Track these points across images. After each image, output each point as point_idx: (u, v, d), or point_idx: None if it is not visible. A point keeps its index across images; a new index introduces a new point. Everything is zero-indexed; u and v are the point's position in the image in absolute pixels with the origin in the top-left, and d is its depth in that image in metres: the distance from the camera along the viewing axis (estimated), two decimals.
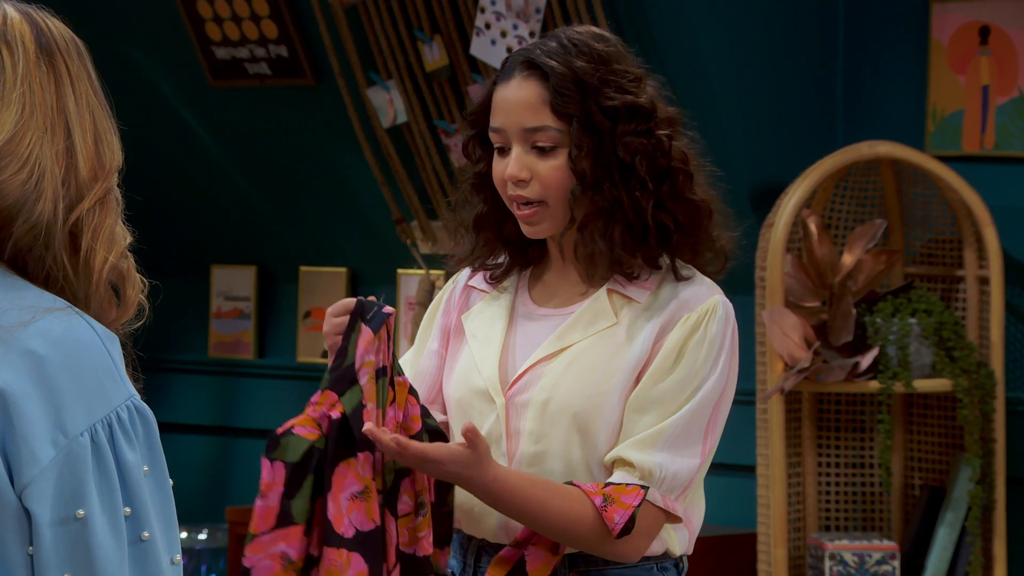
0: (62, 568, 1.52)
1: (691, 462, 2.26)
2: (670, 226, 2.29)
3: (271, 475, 2.19)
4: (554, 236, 2.35)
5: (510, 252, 2.38)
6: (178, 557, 1.57)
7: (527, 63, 2.30)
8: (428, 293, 4.55)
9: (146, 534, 1.54)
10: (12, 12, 1.61)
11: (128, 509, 1.54)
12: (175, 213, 4.93)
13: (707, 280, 2.34)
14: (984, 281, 3.97)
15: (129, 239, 1.62)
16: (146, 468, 1.56)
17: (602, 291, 2.33)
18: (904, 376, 3.92)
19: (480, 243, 2.38)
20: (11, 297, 1.55)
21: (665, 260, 2.33)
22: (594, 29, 2.35)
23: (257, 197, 4.85)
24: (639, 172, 2.27)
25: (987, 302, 3.94)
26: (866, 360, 3.96)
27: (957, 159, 4.03)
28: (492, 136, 2.32)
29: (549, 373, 2.31)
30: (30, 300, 1.55)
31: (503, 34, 4.28)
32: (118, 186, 1.63)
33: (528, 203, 2.30)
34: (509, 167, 2.29)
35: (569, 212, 2.30)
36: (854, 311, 3.97)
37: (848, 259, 4.01)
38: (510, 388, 2.33)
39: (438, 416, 2.40)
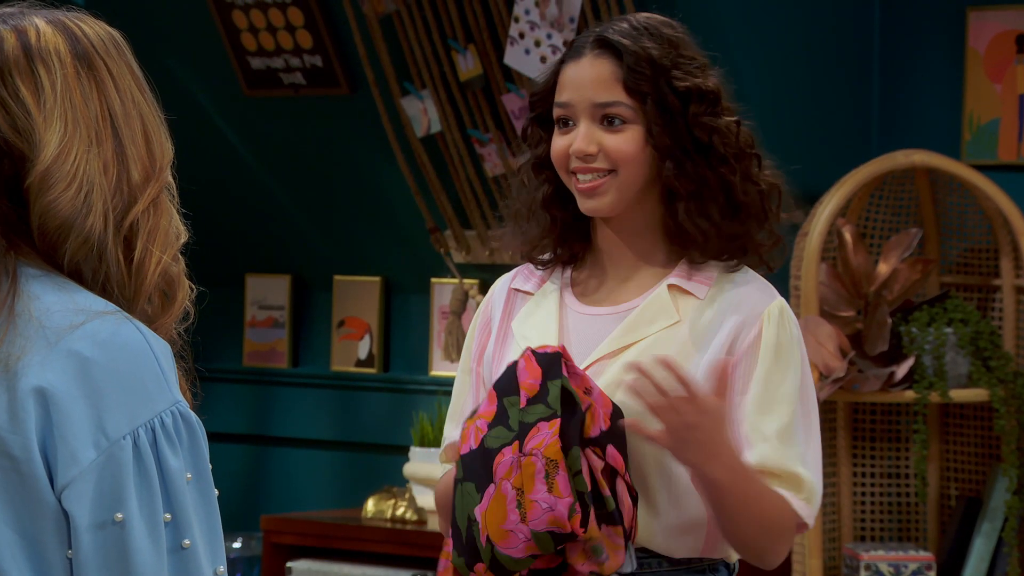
0: (100, 572, 1.50)
1: (819, 471, 2.29)
2: (749, 207, 2.28)
3: None
4: (608, 219, 2.30)
5: (558, 241, 2.34)
6: (222, 568, 1.54)
7: (599, 41, 2.28)
8: (461, 302, 4.52)
9: (187, 542, 1.52)
10: (43, 25, 1.58)
11: (168, 516, 1.52)
12: (209, 222, 4.90)
13: (760, 278, 2.31)
14: (1021, 290, 3.92)
15: (184, 237, 1.60)
16: (189, 475, 1.53)
17: (662, 287, 2.28)
18: (940, 386, 3.87)
19: (544, 224, 2.33)
20: (61, 299, 1.54)
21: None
22: (660, 16, 2.33)
23: (291, 206, 4.82)
24: (718, 150, 2.25)
25: None
26: (902, 370, 3.91)
27: (993, 168, 3.98)
28: (556, 111, 2.28)
29: (610, 371, 2.26)
30: (81, 303, 1.54)
31: (537, 43, 4.25)
32: (172, 177, 1.61)
33: (594, 177, 2.27)
34: (577, 141, 2.26)
35: (635, 190, 2.26)
36: (889, 320, 3.92)
37: (883, 268, 3.96)
38: None
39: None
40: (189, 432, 1.54)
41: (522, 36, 4.26)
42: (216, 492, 1.55)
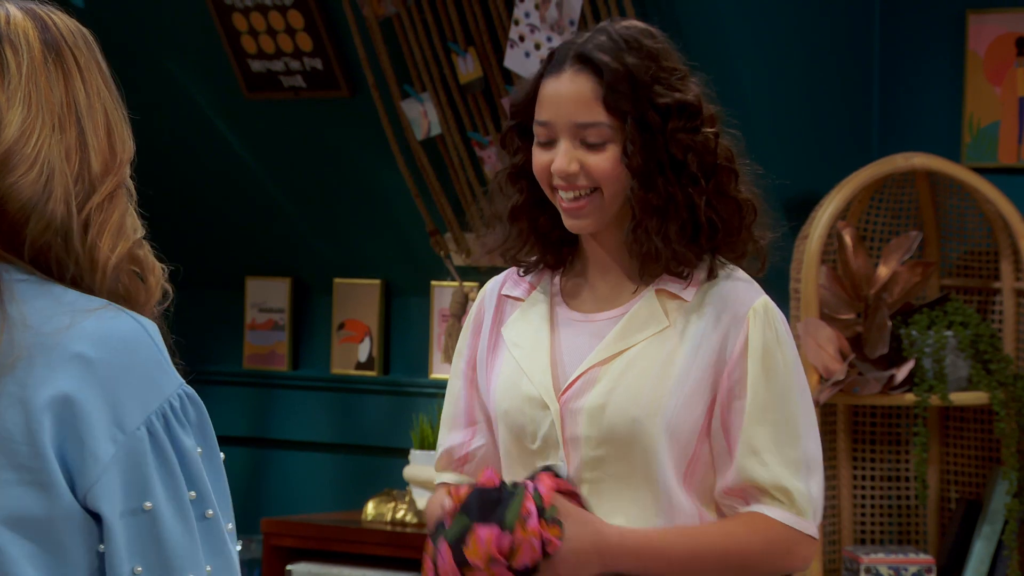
0: (132, 561, 1.50)
1: (821, 478, 2.27)
2: (717, 224, 2.25)
3: None
4: (594, 233, 2.29)
5: (541, 248, 2.32)
6: (231, 525, 1.56)
7: (579, 57, 2.24)
8: (461, 305, 4.48)
9: (210, 512, 1.54)
10: (14, 11, 1.58)
11: (193, 493, 1.53)
12: (210, 224, 4.86)
13: (746, 276, 2.30)
14: (1021, 293, 3.90)
15: (141, 231, 1.59)
16: (200, 450, 1.54)
17: (650, 292, 2.28)
18: (940, 389, 3.85)
19: (514, 234, 2.32)
20: (49, 303, 1.53)
21: (705, 258, 2.28)
22: (640, 24, 2.29)
23: (291, 208, 4.77)
24: (691, 168, 2.23)
25: None
26: (902, 373, 3.89)
27: (993, 171, 3.96)
28: (537, 129, 2.26)
29: (604, 378, 2.25)
30: (67, 303, 1.53)
31: (537, 46, 4.22)
32: (131, 178, 1.61)
33: (578, 197, 2.25)
34: (557, 161, 2.24)
35: (617, 206, 2.26)
36: (889, 323, 3.90)
37: (883, 271, 3.94)
38: (563, 393, 2.27)
39: (477, 442, 2.37)
40: (196, 410, 1.55)
41: (522, 39, 4.22)
42: (222, 455, 1.56)
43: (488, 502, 2.14)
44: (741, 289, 2.26)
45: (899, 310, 3.94)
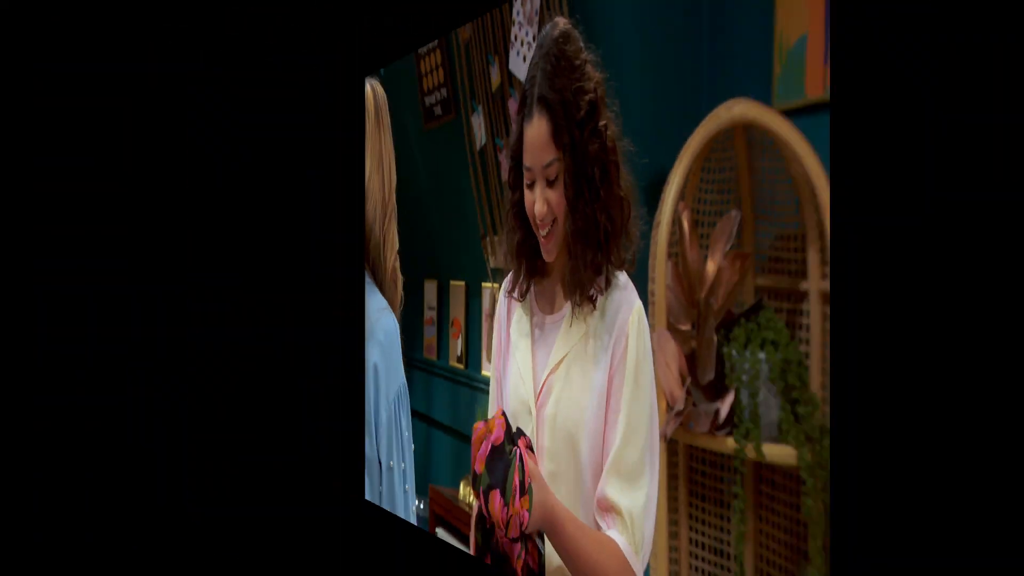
0: (384, 504, 1.31)
1: (651, 503, 1.45)
2: (609, 230, 1.47)
3: None
4: None
5: (527, 266, 1.58)
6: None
7: (539, 100, 1.53)
8: (493, 306, 2.69)
9: (407, 487, 1.26)
10: (367, 87, 1.41)
11: (404, 464, 1.31)
12: (409, 234, 3.44)
13: (625, 279, 1.49)
14: (830, 299, 1.38)
15: (397, 244, 1.34)
16: (406, 433, 1.30)
17: (575, 299, 1.58)
18: (756, 435, 1.50)
19: (518, 269, 1.60)
20: (375, 300, 1.38)
21: (603, 268, 1.49)
22: (562, 26, 1.48)
23: (435, 217, 3.23)
24: (596, 181, 1.48)
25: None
26: (725, 407, 1.59)
27: (801, 111, 1.46)
28: (525, 173, 1.58)
29: (555, 386, 1.55)
30: (376, 302, 1.39)
31: (522, 43, 2.39)
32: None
33: (547, 232, 1.53)
34: (537, 205, 1.55)
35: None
36: (715, 338, 1.61)
37: (711, 266, 1.66)
38: (537, 400, 1.57)
39: None
40: (407, 400, 1.33)
41: (515, 38, 2.42)
42: (412, 446, 1.30)
43: (497, 464, 1.49)
44: (623, 298, 1.49)
45: (722, 320, 1.60)
